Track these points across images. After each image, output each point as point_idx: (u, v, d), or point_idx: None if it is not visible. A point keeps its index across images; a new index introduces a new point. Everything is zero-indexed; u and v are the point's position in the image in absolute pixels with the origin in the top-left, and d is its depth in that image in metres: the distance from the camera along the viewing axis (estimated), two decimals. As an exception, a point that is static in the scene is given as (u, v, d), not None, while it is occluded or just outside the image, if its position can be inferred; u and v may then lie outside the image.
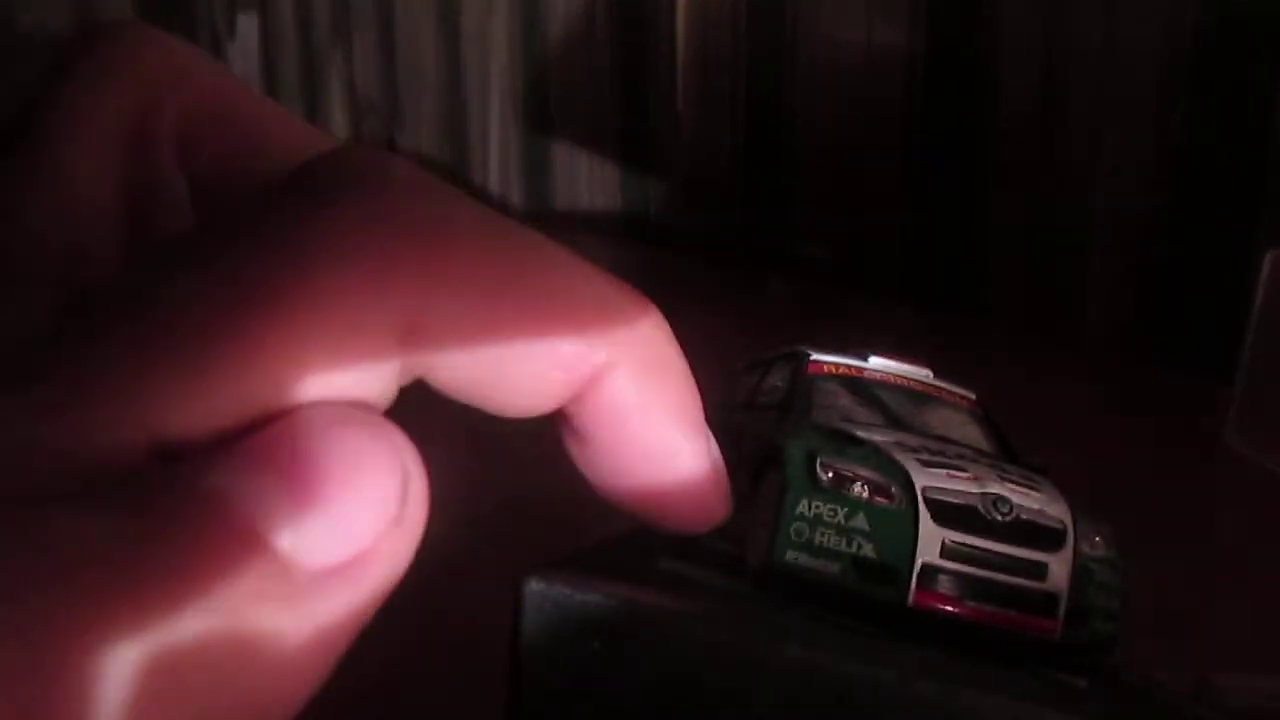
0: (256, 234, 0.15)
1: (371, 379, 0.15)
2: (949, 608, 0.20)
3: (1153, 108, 0.58)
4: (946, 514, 0.20)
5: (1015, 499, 0.21)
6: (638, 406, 0.17)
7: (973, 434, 0.25)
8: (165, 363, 0.13)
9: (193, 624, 0.12)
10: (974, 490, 0.21)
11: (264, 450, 0.13)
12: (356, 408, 0.14)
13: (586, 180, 0.85)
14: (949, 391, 0.26)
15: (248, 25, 1.07)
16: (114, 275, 0.17)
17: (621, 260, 0.81)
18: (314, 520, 0.13)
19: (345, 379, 0.14)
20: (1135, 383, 0.57)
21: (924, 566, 0.20)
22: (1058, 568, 0.21)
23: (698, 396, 0.19)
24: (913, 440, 0.23)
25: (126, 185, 0.18)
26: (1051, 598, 0.21)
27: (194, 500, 0.13)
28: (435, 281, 0.15)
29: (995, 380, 0.29)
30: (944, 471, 0.21)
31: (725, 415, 0.29)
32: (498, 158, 0.91)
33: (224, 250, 0.14)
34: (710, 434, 0.19)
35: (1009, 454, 0.25)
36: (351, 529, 0.13)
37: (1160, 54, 0.57)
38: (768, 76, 0.73)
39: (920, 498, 0.20)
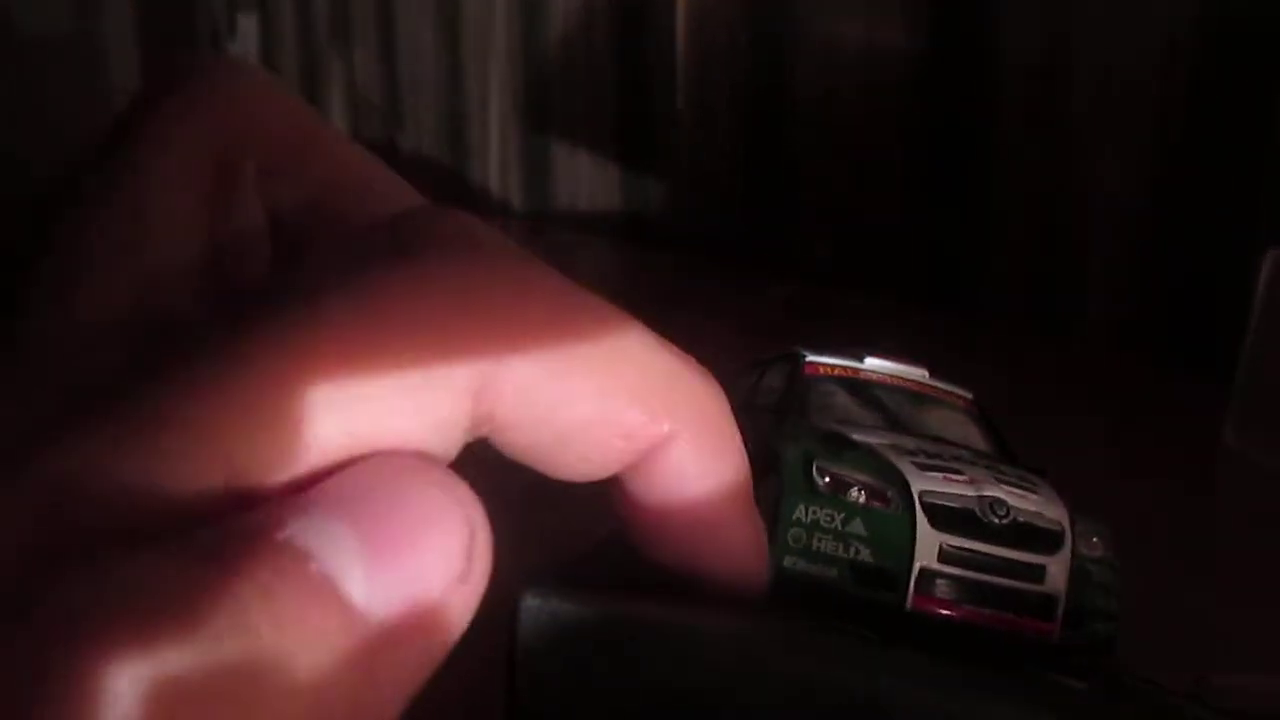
0: (342, 285, 0.15)
1: (442, 433, 0.15)
2: (947, 611, 0.20)
3: (1152, 107, 0.58)
4: (943, 518, 0.20)
5: (1012, 501, 0.21)
6: (695, 478, 0.18)
7: (970, 434, 0.25)
8: (240, 402, 0.13)
9: (262, 670, 0.12)
10: (971, 493, 0.21)
11: (338, 499, 0.13)
12: (426, 460, 0.14)
13: (587, 180, 0.85)
14: (946, 392, 0.26)
15: (248, 25, 1.07)
16: (192, 310, 0.17)
17: (621, 260, 0.81)
18: (385, 572, 0.13)
19: (417, 431, 0.15)
20: (1135, 383, 0.57)
21: (921, 571, 0.20)
22: (1055, 570, 0.21)
23: (749, 469, 0.19)
24: (909, 443, 0.23)
25: (206, 216, 0.18)
26: (1049, 600, 0.21)
27: (270, 547, 0.13)
28: (510, 345, 0.15)
29: (995, 380, 0.29)
30: (941, 475, 0.21)
31: None
32: (498, 158, 0.91)
33: (309, 297, 0.15)
34: (757, 507, 0.19)
35: (1007, 454, 0.25)
36: (420, 583, 0.13)
37: (1160, 54, 0.57)
38: (768, 76, 0.73)
39: (917, 502, 0.20)
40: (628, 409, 0.17)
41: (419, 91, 0.96)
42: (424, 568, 0.13)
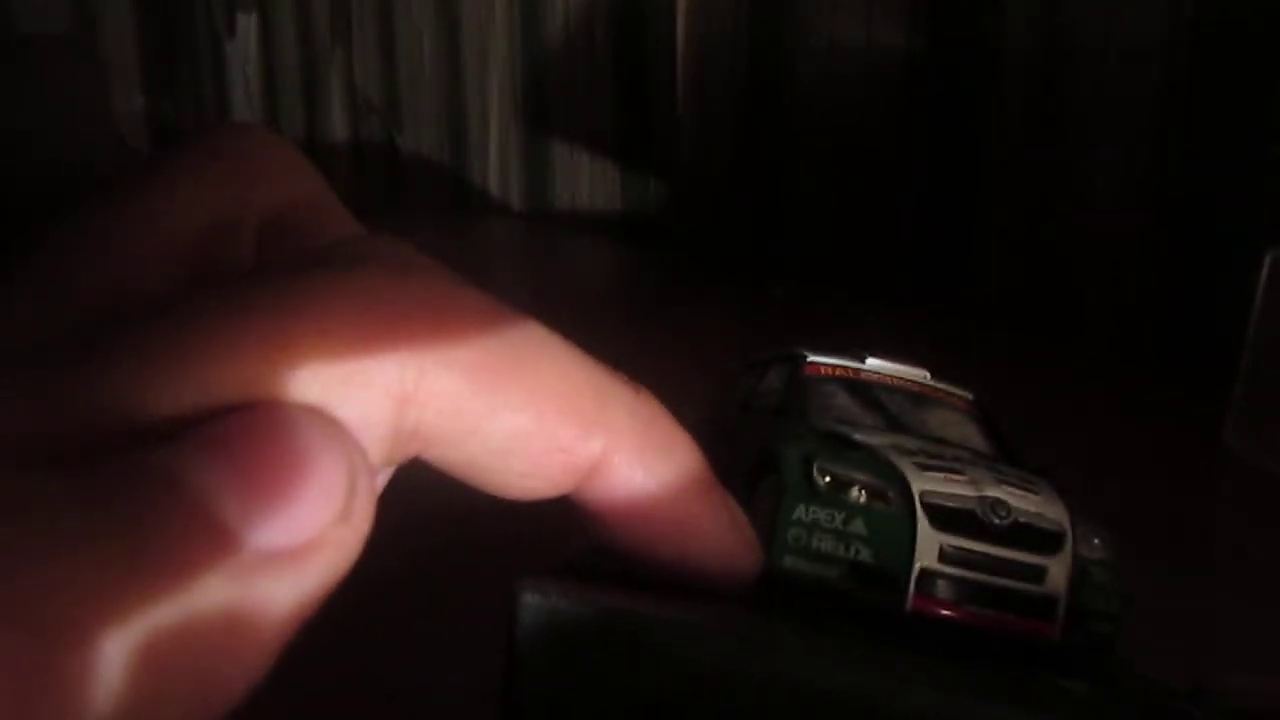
0: (276, 279, 0.15)
1: (360, 435, 0.15)
2: (947, 612, 0.20)
3: (1152, 107, 0.58)
4: (944, 518, 0.20)
5: (1013, 502, 0.21)
6: (646, 485, 0.18)
7: (971, 435, 0.25)
8: (152, 348, 0.14)
9: (133, 593, 0.12)
10: (971, 494, 0.21)
11: (219, 436, 0.14)
12: (310, 408, 0.15)
13: (586, 180, 0.85)
14: (947, 392, 0.26)
15: (247, 25, 1.07)
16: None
17: (621, 260, 0.81)
18: (262, 507, 0.13)
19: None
20: (1135, 382, 0.57)
21: (922, 571, 0.20)
22: (1056, 571, 0.21)
23: (704, 459, 0.19)
24: (910, 443, 0.23)
25: (198, 259, 0.19)
26: (1050, 601, 0.20)
27: (148, 475, 0.13)
28: (434, 357, 0.16)
29: (995, 380, 0.29)
30: (941, 475, 0.21)
31: (722, 417, 0.29)
32: (498, 158, 0.91)
33: (241, 287, 0.15)
34: (726, 491, 0.20)
35: (1008, 455, 0.25)
36: (298, 519, 0.14)
37: (1160, 55, 0.57)
38: (768, 77, 0.73)
39: (917, 502, 0.20)
40: (558, 422, 0.17)
41: (419, 91, 0.96)
42: (302, 504, 0.14)
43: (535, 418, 0.17)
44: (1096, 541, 0.22)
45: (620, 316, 0.65)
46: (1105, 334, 0.61)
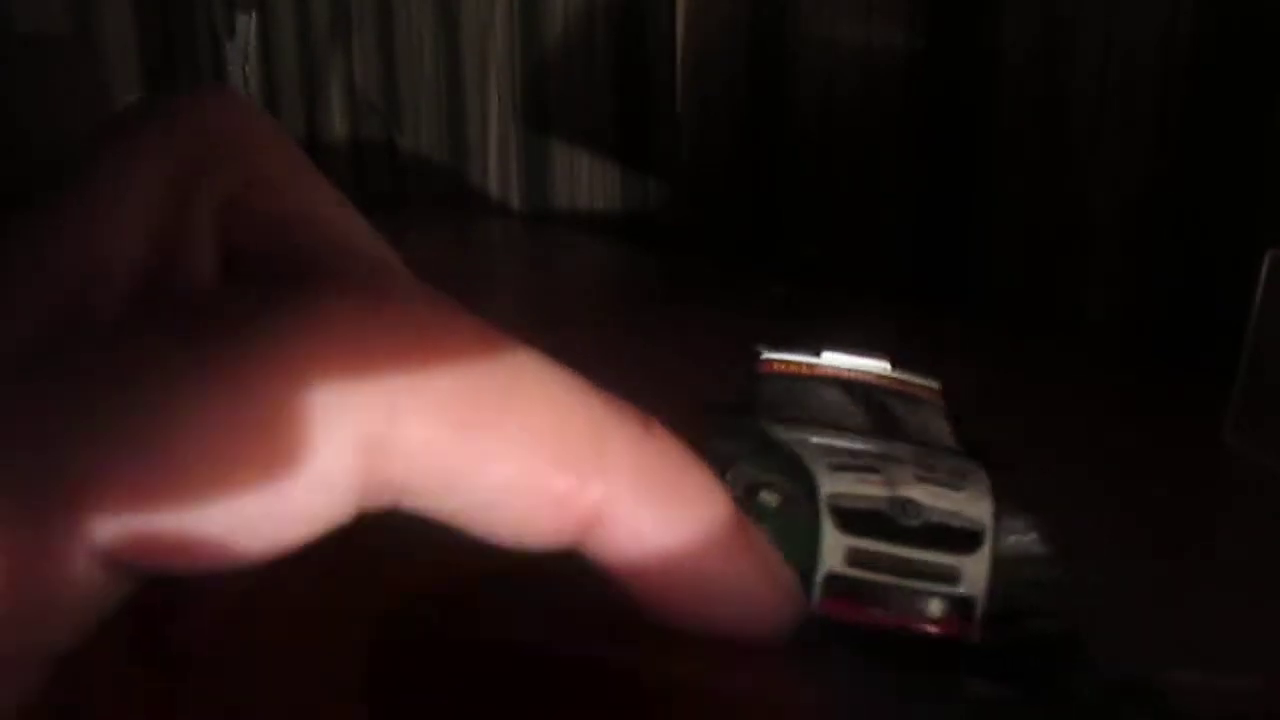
0: (231, 314, 0.14)
1: (324, 492, 0.14)
2: (856, 616, 0.20)
3: (1151, 108, 0.58)
4: (852, 520, 0.20)
5: (926, 501, 0.20)
6: (656, 536, 0.16)
7: (930, 424, 0.25)
8: (95, 408, 0.13)
9: None
10: (882, 494, 0.20)
11: None
12: None
13: (586, 180, 0.85)
14: (905, 382, 0.26)
15: (247, 25, 1.07)
16: (114, 309, 0.16)
17: (621, 260, 0.81)
18: None
19: (291, 486, 0.14)
20: (1135, 382, 0.57)
21: (828, 575, 0.20)
22: (973, 569, 0.20)
23: (729, 501, 0.17)
24: (840, 440, 0.22)
25: (157, 240, 0.17)
26: (966, 601, 0.20)
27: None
28: (407, 399, 0.14)
29: (996, 380, 0.29)
30: (854, 475, 0.20)
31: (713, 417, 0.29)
32: (497, 158, 0.91)
33: (194, 328, 0.14)
34: (752, 526, 0.17)
35: (961, 443, 0.24)
36: None
37: (1160, 54, 0.57)
38: (768, 77, 0.73)
39: (823, 505, 0.20)
40: (550, 472, 0.15)
41: (419, 91, 0.96)
42: None
43: (524, 468, 0.15)
44: (1026, 539, 0.21)
45: (620, 316, 0.65)
46: (1105, 334, 0.61)
